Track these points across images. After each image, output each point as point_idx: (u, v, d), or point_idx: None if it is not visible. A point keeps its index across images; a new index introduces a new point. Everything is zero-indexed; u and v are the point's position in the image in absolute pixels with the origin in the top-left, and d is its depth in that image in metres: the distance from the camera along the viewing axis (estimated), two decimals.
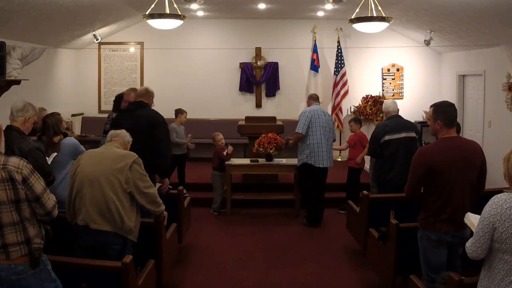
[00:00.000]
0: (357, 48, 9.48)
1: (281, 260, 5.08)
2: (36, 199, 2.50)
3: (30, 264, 2.49)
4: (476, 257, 2.43)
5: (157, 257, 3.79)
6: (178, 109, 7.06)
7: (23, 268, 2.47)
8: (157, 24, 5.88)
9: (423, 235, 3.34)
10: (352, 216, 5.22)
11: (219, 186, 6.64)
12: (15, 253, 2.45)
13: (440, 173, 3.18)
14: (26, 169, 2.49)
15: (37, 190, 2.51)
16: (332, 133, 6.33)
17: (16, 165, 2.47)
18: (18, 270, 2.46)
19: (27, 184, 2.47)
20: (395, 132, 5.11)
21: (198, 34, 9.57)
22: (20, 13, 5.71)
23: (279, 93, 9.74)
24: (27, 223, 2.50)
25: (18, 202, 2.46)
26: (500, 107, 7.04)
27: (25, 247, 2.48)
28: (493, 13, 5.85)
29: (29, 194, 2.48)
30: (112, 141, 3.54)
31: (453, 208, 3.20)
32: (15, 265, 2.45)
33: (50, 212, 2.57)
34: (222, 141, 6.73)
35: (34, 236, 2.52)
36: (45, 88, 8.09)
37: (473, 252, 2.42)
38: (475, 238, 2.41)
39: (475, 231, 2.44)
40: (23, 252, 2.48)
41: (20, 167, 2.48)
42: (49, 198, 2.58)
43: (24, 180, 2.46)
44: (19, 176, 2.45)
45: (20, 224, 2.47)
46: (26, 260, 2.49)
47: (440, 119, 3.25)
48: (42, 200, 2.53)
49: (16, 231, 2.46)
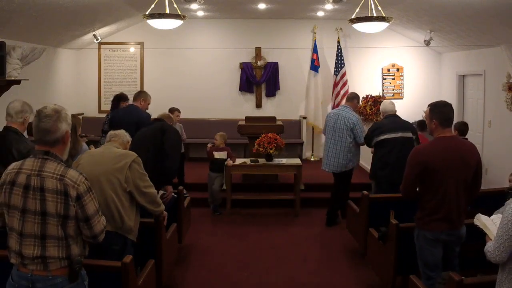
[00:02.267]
0: (357, 48, 9.48)
1: (281, 260, 5.08)
2: (85, 219, 2.34)
3: (69, 277, 2.33)
4: (500, 261, 2.40)
5: (157, 257, 3.79)
6: (170, 108, 6.97)
7: (61, 281, 2.31)
8: (157, 24, 5.87)
9: (419, 234, 3.36)
10: (352, 216, 5.22)
11: (210, 186, 6.66)
12: (53, 264, 2.30)
13: (435, 172, 3.20)
14: (83, 186, 2.32)
15: (89, 210, 2.34)
16: (356, 136, 5.80)
17: (74, 179, 2.30)
18: (55, 283, 2.30)
19: (80, 203, 2.31)
20: (391, 132, 5.12)
21: (198, 34, 9.57)
22: (20, 13, 5.71)
23: (279, 93, 9.74)
24: (71, 240, 2.34)
25: (66, 218, 2.30)
26: (500, 107, 7.04)
27: (65, 261, 2.32)
28: (493, 13, 5.85)
29: (80, 213, 2.32)
30: (111, 141, 3.55)
31: (448, 207, 3.22)
32: (53, 277, 2.29)
33: (96, 236, 2.40)
34: (215, 141, 6.71)
35: (76, 255, 2.37)
36: (45, 88, 8.09)
37: (496, 257, 2.40)
38: (499, 242, 2.38)
39: (497, 235, 2.40)
40: (62, 264, 2.32)
41: (77, 182, 2.30)
42: (99, 221, 2.41)
43: (78, 197, 2.30)
44: (74, 191, 2.28)
45: (64, 241, 2.32)
46: (64, 273, 2.32)
47: (436, 119, 3.27)
48: (92, 222, 2.35)
49: (58, 246, 2.31)
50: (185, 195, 5.40)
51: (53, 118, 2.33)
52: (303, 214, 6.66)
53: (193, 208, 5.84)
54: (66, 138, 2.40)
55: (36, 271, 2.29)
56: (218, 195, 6.68)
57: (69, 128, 2.41)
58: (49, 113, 2.34)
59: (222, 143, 6.73)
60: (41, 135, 2.34)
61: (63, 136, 2.37)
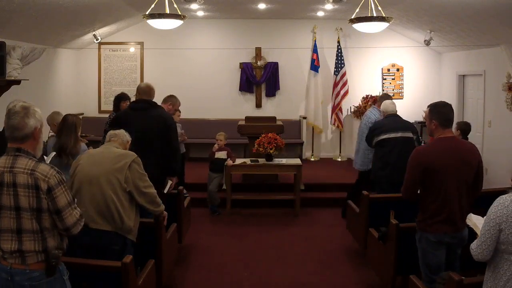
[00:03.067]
0: (357, 48, 9.48)
1: (281, 260, 5.08)
2: (57, 212, 2.38)
3: (46, 271, 2.39)
4: (482, 259, 2.41)
5: (157, 257, 3.79)
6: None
7: (38, 275, 2.37)
8: (157, 24, 5.88)
9: (421, 237, 3.32)
10: (352, 216, 5.22)
11: (208, 185, 6.65)
12: (31, 258, 2.36)
13: (436, 174, 3.18)
14: (53, 179, 2.36)
15: (60, 203, 2.38)
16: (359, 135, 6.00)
17: (45, 173, 2.35)
18: (32, 276, 2.36)
19: (51, 195, 2.35)
20: (391, 132, 5.13)
21: (198, 34, 9.56)
22: (20, 13, 5.71)
23: (279, 93, 9.74)
24: (47, 233, 2.39)
25: (40, 211, 2.35)
26: (500, 107, 7.04)
27: (42, 255, 2.38)
28: (493, 13, 5.85)
29: (51, 206, 2.36)
30: (111, 141, 3.55)
31: (450, 209, 3.20)
32: (31, 271, 2.36)
33: (68, 229, 2.43)
34: (219, 141, 6.71)
35: (53, 248, 2.41)
36: (45, 88, 8.09)
37: (478, 254, 2.41)
38: (481, 240, 2.39)
39: (480, 232, 2.41)
40: (39, 259, 2.38)
41: (48, 175, 2.35)
42: (71, 214, 2.43)
43: (49, 190, 2.34)
44: (44, 184, 2.33)
45: (39, 234, 2.37)
46: (42, 267, 2.38)
47: (435, 119, 3.26)
48: (63, 214, 2.39)
49: (34, 240, 2.36)
50: (185, 195, 5.41)
51: (20, 114, 2.37)
52: (303, 214, 6.66)
53: (193, 208, 5.85)
54: (35, 134, 2.42)
55: (14, 265, 2.36)
56: (215, 195, 6.67)
57: (39, 124, 2.43)
58: (17, 110, 2.38)
59: (224, 142, 6.74)
60: (11, 132, 2.39)
61: (32, 132, 2.40)
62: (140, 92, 4.71)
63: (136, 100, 4.79)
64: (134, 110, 4.64)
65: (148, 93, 4.69)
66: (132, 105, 4.88)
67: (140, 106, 4.61)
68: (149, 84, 4.80)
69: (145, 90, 4.69)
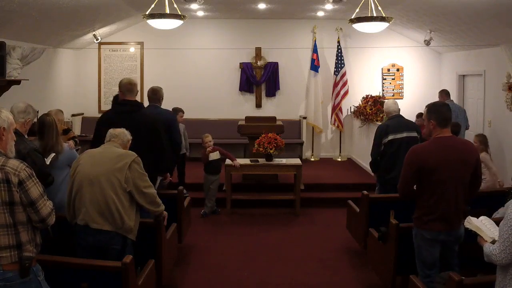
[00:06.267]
0: (357, 48, 9.48)
1: (281, 260, 5.08)
2: (30, 204, 2.45)
3: (20, 272, 2.43)
4: (506, 263, 2.39)
5: (157, 257, 3.79)
6: (174, 108, 6.83)
7: (11, 276, 2.41)
8: (157, 24, 5.88)
9: (417, 233, 3.38)
10: (352, 216, 5.22)
11: (206, 188, 6.60)
12: (5, 259, 2.40)
13: (431, 172, 3.21)
14: (24, 173, 2.44)
15: (33, 195, 2.45)
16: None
17: (15, 167, 2.44)
18: (6, 277, 2.40)
19: (23, 188, 2.42)
20: (397, 132, 5.12)
21: (198, 34, 9.57)
22: (20, 13, 5.71)
23: (279, 93, 9.74)
24: (21, 227, 2.45)
25: (12, 204, 2.41)
26: (500, 107, 7.05)
27: (15, 254, 2.42)
28: (493, 13, 5.86)
29: (24, 198, 2.43)
30: (111, 141, 3.53)
31: (445, 207, 3.22)
32: (4, 272, 2.40)
33: (44, 219, 2.50)
34: (209, 143, 6.64)
35: (26, 242, 2.46)
36: (45, 88, 8.09)
37: (502, 259, 2.38)
38: (504, 244, 2.36)
39: (502, 237, 2.38)
40: (13, 259, 2.42)
41: (18, 169, 2.43)
42: (45, 205, 2.51)
43: (20, 183, 2.42)
44: (15, 178, 2.41)
45: (13, 228, 2.42)
46: (15, 268, 2.42)
47: (433, 119, 3.29)
48: (37, 205, 2.46)
49: (8, 234, 2.41)
50: (185, 195, 5.40)
51: None
52: (303, 214, 6.66)
53: (193, 208, 5.85)
54: (0, 134, 2.50)
55: None
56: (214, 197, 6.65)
57: (5, 124, 2.51)
58: None
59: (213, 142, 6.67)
60: None
61: None
62: (123, 90, 4.27)
63: (120, 102, 4.36)
64: (117, 114, 4.21)
65: (131, 91, 4.26)
66: (115, 108, 4.45)
67: (124, 110, 4.21)
68: (131, 80, 4.35)
69: (127, 88, 4.25)
